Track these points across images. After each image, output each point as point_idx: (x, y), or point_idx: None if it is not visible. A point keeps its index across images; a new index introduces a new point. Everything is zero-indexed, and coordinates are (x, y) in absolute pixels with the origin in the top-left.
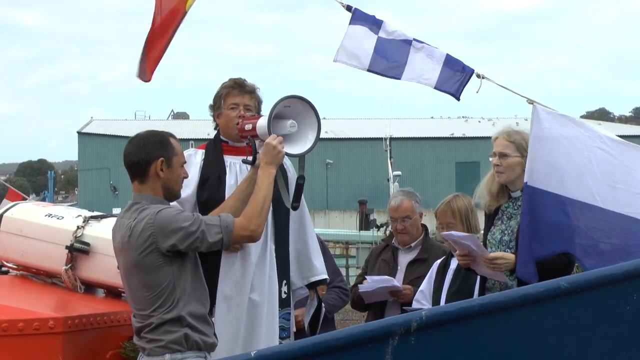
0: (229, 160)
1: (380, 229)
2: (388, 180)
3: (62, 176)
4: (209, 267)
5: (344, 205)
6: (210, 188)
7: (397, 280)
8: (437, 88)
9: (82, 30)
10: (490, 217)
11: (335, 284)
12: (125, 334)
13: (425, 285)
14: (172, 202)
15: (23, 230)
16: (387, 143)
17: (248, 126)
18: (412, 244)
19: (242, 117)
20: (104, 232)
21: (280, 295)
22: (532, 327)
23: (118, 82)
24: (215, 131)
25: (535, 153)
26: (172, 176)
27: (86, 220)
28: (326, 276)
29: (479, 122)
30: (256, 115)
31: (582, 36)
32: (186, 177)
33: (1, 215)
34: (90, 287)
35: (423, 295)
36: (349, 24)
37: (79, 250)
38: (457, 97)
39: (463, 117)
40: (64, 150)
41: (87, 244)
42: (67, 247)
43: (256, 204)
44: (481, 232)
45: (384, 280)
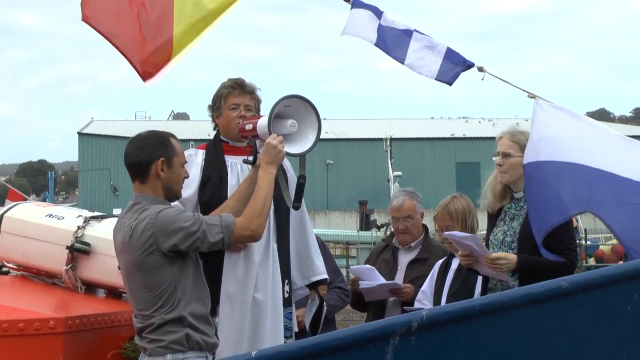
0: (230, 160)
1: (381, 229)
2: (388, 180)
3: (62, 177)
4: (212, 267)
5: (345, 206)
6: (212, 188)
7: (397, 280)
8: (437, 79)
9: (81, 31)
10: (493, 217)
11: (336, 284)
12: (125, 334)
13: (427, 285)
14: (173, 202)
15: (24, 231)
16: (388, 143)
17: (248, 126)
18: (412, 244)
19: (243, 117)
20: (104, 233)
21: (283, 294)
22: (532, 327)
23: (118, 83)
24: (214, 132)
25: (540, 135)
26: (173, 176)
27: (87, 220)
28: (327, 276)
29: (479, 122)
30: (256, 115)
31: (582, 37)
32: (187, 177)
33: (2, 216)
34: (90, 288)
35: (424, 295)
36: (351, 9)
37: (79, 250)
38: (450, 83)
39: (463, 117)
40: (64, 151)
41: (88, 244)
42: (67, 247)
43: (257, 203)
44: (479, 233)
45: (367, 269)
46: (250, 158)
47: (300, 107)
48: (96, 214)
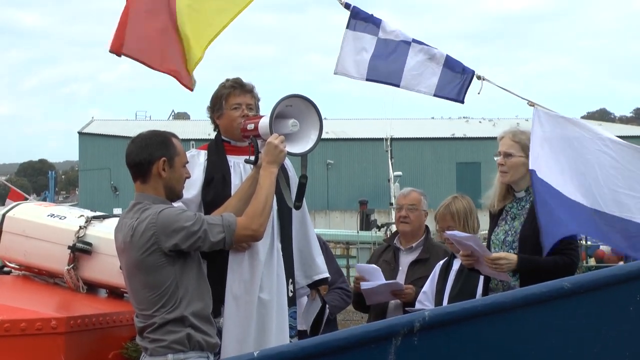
0: (232, 160)
1: (381, 229)
2: (389, 180)
3: (62, 176)
4: (217, 267)
5: (345, 206)
6: (216, 188)
7: (384, 279)
8: (436, 95)
9: (82, 31)
10: (494, 217)
11: (338, 285)
12: (127, 334)
13: (428, 286)
14: (175, 202)
15: (25, 231)
16: (388, 143)
17: (250, 126)
18: (414, 244)
19: (246, 117)
20: (106, 232)
21: (287, 293)
22: (535, 328)
23: (118, 83)
24: (214, 132)
25: (542, 148)
26: (174, 176)
27: (88, 220)
28: (328, 274)
29: (479, 122)
30: (258, 115)
31: (582, 37)
32: (188, 177)
33: (4, 215)
34: (92, 288)
35: (426, 296)
36: (346, 28)
37: (81, 250)
38: (460, 100)
39: (464, 117)
40: (64, 151)
41: (90, 244)
42: (69, 247)
43: (258, 203)
44: (480, 232)
45: (371, 269)
46: (252, 158)
47: (302, 107)
48: (98, 213)
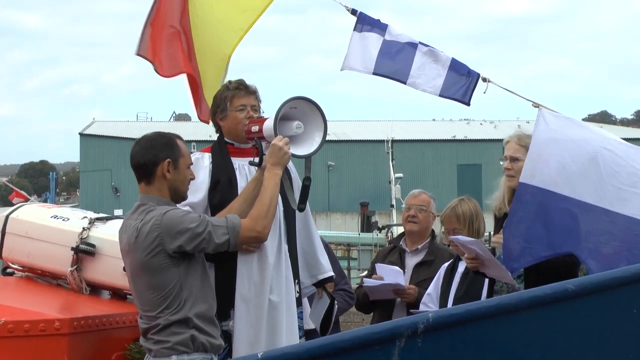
0: (237, 162)
1: (382, 231)
2: (390, 182)
3: (63, 177)
4: (225, 270)
5: (346, 208)
6: (222, 191)
7: (403, 282)
8: (441, 95)
9: (83, 32)
10: (499, 220)
11: (340, 286)
12: (130, 335)
13: (433, 288)
14: (179, 203)
15: (29, 232)
16: (389, 145)
17: (255, 128)
18: (419, 246)
19: (251, 119)
20: (109, 234)
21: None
22: (539, 330)
23: (120, 84)
24: (216, 133)
25: (540, 154)
26: (179, 177)
27: (92, 221)
28: (333, 273)
29: (480, 124)
30: (262, 117)
31: (583, 39)
32: (193, 179)
33: (7, 217)
34: (95, 289)
35: (430, 298)
36: (353, 30)
37: (84, 251)
38: (466, 102)
39: (465, 119)
40: (65, 152)
41: (93, 245)
42: (72, 248)
43: (262, 205)
44: (486, 235)
45: (393, 271)
46: (256, 160)
47: (306, 109)
48: (101, 215)
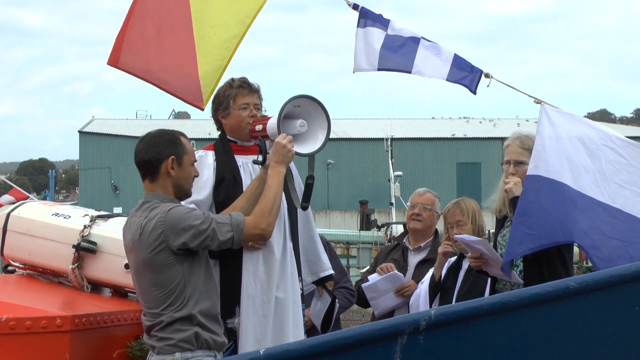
0: (241, 160)
1: (381, 229)
2: (389, 180)
3: (63, 175)
4: (231, 268)
5: (345, 206)
6: (227, 188)
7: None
8: (448, 80)
9: (84, 30)
10: (500, 220)
11: (342, 284)
12: (131, 333)
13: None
14: (184, 200)
15: (30, 230)
16: (388, 143)
17: (259, 127)
18: (422, 244)
19: (254, 117)
20: (111, 232)
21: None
22: (540, 327)
23: (120, 82)
24: (218, 131)
25: (544, 147)
26: (183, 174)
27: (93, 219)
28: (333, 272)
29: (480, 122)
30: (266, 116)
31: (582, 38)
32: (197, 176)
33: (8, 214)
34: (96, 287)
35: (417, 297)
36: (357, 27)
37: (85, 249)
38: (472, 90)
39: (464, 117)
40: (65, 150)
41: (94, 243)
42: (74, 246)
43: (266, 203)
44: (486, 235)
45: (389, 277)
46: (260, 158)
47: (310, 107)
48: (102, 213)
